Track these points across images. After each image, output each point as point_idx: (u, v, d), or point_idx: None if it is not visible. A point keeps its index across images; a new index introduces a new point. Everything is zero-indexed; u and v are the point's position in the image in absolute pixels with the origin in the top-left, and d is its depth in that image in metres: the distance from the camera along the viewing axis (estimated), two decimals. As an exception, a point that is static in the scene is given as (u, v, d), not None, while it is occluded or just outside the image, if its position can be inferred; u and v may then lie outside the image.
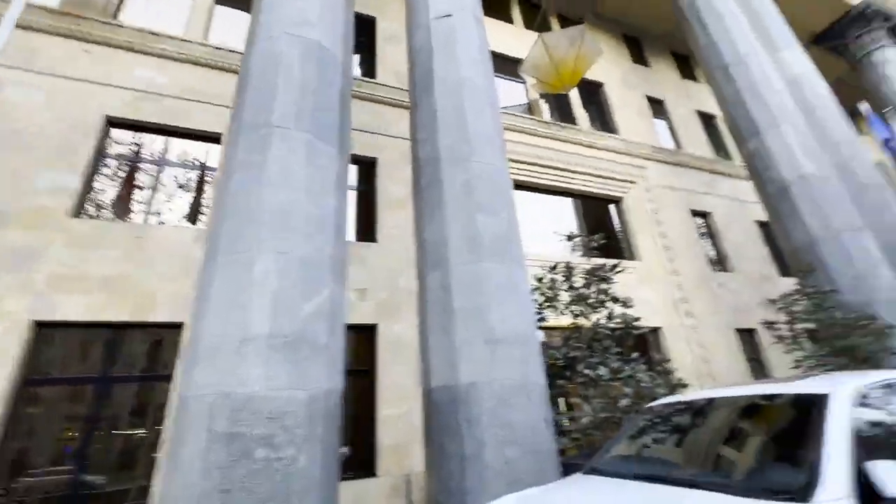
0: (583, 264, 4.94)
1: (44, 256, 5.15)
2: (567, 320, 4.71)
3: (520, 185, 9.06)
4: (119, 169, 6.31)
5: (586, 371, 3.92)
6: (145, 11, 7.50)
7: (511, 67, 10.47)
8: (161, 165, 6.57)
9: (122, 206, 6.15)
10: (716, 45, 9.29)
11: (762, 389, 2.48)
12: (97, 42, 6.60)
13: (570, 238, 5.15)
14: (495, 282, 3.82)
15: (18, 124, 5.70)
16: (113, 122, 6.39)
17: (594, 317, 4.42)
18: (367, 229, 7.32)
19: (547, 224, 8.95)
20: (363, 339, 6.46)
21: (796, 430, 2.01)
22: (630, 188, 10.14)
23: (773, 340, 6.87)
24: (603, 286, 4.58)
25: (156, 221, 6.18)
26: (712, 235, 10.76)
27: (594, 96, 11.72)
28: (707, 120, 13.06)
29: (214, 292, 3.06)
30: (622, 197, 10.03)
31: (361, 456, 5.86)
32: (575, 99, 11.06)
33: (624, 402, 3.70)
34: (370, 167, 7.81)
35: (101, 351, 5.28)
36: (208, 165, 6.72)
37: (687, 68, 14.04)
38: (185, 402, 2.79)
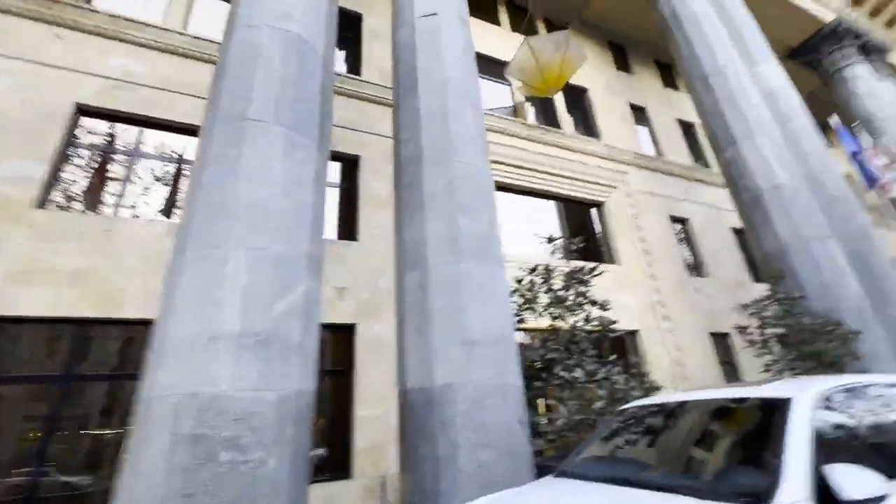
0: (562, 267, 4.97)
1: (3, 249, 4.91)
2: (546, 322, 4.73)
3: (503, 187, 9.10)
4: (92, 159, 6.08)
5: (562, 373, 3.94)
6: (122, -3, 7.25)
7: (497, 69, 10.51)
8: (135, 157, 6.35)
9: (93, 198, 5.92)
10: (696, 56, 9.51)
11: (731, 393, 2.52)
12: (70, 27, 6.35)
13: (551, 240, 5.18)
14: (474, 283, 3.81)
15: (-19, 109, 5.43)
16: (84, 111, 6.15)
17: (572, 319, 4.45)
18: (349, 228, 7.23)
19: (530, 226, 8.99)
20: (341, 339, 6.36)
21: (761, 434, 2.05)
22: (612, 193, 10.29)
23: (745, 344, 7.06)
24: (581, 289, 4.62)
25: (130, 214, 5.97)
26: (690, 241, 11.00)
27: (579, 101, 11.87)
28: (687, 128, 13.36)
29: (183, 288, 2.96)
30: (604, 201, 10.17)
31: (338, 457, 5.77)
32: (560, 103, 11.17)
33: (598, 405, 3.73)
34: (353, 165, 7.72)
35: (68, 348, 5.07)
36: (185, 158, 6.54)
37: (669, 77, 14.35)
38: (149, 402, 2.69)
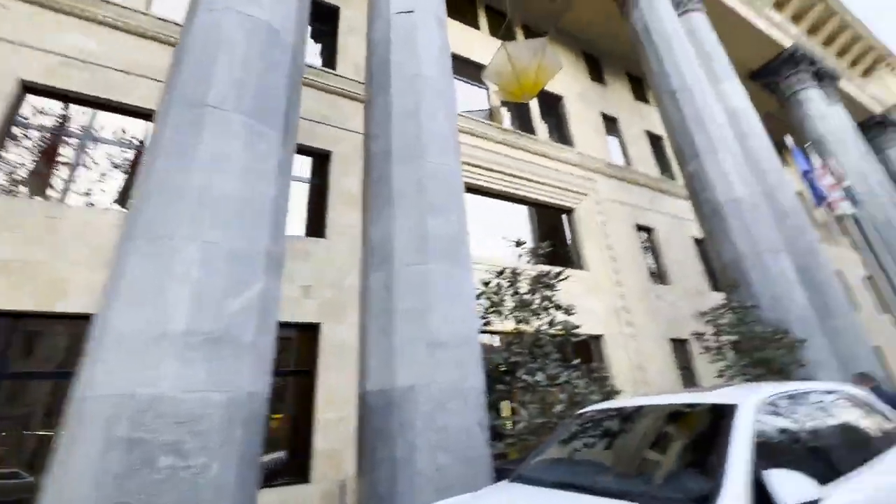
0: (529, 271, 5.01)
1: (-71, 233, 4.49)
2: (511, 326, 4.74)
3: (476, 190, 9.12)
4: (41, 141, 5.66)
5: (525, 376, 3.96)
6: (79, -30, 6.80)
7: (475, 72, 10.54)
8: (89, 141, 5.96)
9: (39, 183, 5.51)
10: (665, 71, 9.87)
11: (683, 398, 2.59)
12: (17, -3, 5.89)
13: (519, 244, 5.21)
14: (440, 284, 3.77)
15: None
16: (31, 88, 5.72)
17: (536, 323, 4.48)
18: (317, 224, 7.04)
19: (502, 230, 9.05)
20: (305, 339, 6.18)
21: (708, 438, 2.10)
22: (582, 200, 10.50)
23: (702, 350, 7.34)
24: (547, 293, 4.66)
25: (84, 202, 5.59)
26: (654, 250, 11.37)
27: (553, 109, 12.06)
28: (655, 140, 13.83)
29: (128, 281, 2.77)
30: (574, 208, 10.37)
31: (297, 461, 5.59)
32: (535, 110, 11.32)
33: (558, 408, 3.76)
34: (324, 160, 7.54)
35: (2, 342, 4.68)
36: (145, 145, 6.20)
37: (640, 90, 14.82)
38: (82, 403, 2.49)
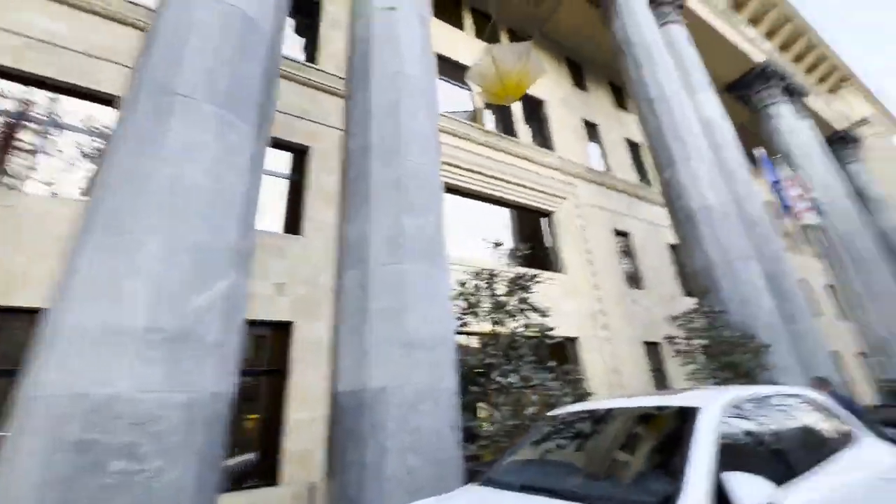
0: (507, 272, 5.02)
1: None
2: (488, 327, 4.74)
3: (457, 190, 9.12)
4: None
5: (499, 378, 3.96)
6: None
7: (458, 73, 10.54)
8: (53, 127, 5.66)
9: (-7, 169, 5.20)
10: (644, 80, 10.09)
11: (652, 401, 2.62)
12: (-26, -28, 5.56)
13: (497, 246, 5.21)
14: (416, 284, 3.73)
15: None
16: (-12, 69, 5.40)
17: (512, 324, 4.49)
18: (294, 221, 6.89)
19: (482, 231, 9.06)
20: (277, 338, 6.03)
21: (674, 441, 2.12)
22: (562, 204, 10.63)
23: (673, 354, 7.52)
24: (523, 295, 4.68)
25: (49, 192, 5.30)
26: (630, 255, 11.60)
27: (536, 113, 12.18)
28: (633, 147, 14.13)
29: (84, 275, 2.63)
30: (554, 211, 10.48)
31: (267, 463, 5.44)
32: (518, 113, 11.40)
33: (531, 410, 3.77)
34: (303, 156, 7.39)
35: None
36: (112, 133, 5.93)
37: (620, 98, 15.12)
38: (30, 402, 2.35)
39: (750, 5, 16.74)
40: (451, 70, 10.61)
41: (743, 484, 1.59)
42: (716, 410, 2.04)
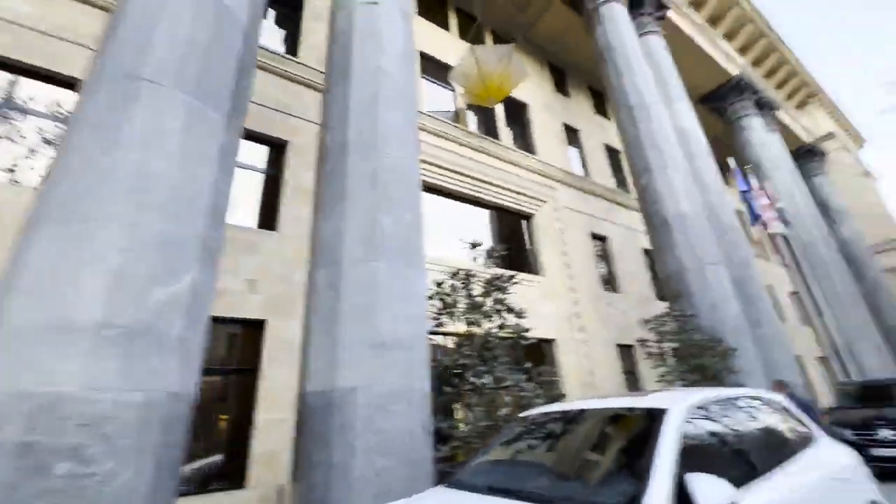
0: (483, 273, 5.01)
1: None
2: (464, 328, 4.72)
3: (437, 190, 9.08)
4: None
5: (473, 379, 3.94)
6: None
7: (442, 73, 10.53)
8: (11, 111, 5.34)
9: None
10: (624, 87, 10.30)
11: (620, 403, 2.64)
12: (-74, -59, 5.21)
13: (474, 246, 5.20)
14: (390, 283, 3.67)
15: None
16: (-61, 46, 5.06)
17: (487, 325, 4.48)
18: (269, 216, 6.73)
19: (462, 232, 9.06)
20: (249, 336, 5.86)
21: (640, 442, 2.14)
22: (541, 207, 10.73)
23: (645, 356, 7.68)
24: (500, 296, 4.68)
25: (8, 179, 4.99)
26: (607, 258, 11.81)
27: (518, 116, 12.27)
28: (612, 154, 14.40)
29: (33, 266, 2.48)
30: (533, 214, 10.57)
31: (234, 465, 5.27)
32: (500, 116, 11.46)
33: (504, 411, 3.77)
34: (281, 150, 7.22)
35: None
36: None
37: (601, 105, 15.40)
38: (-32, 403, 2.19)
39: (726, 20, 17.32)
40: (435, 70, 10.58)
41: (704, 485, 1.60)
42: (682, 412, 2.07)
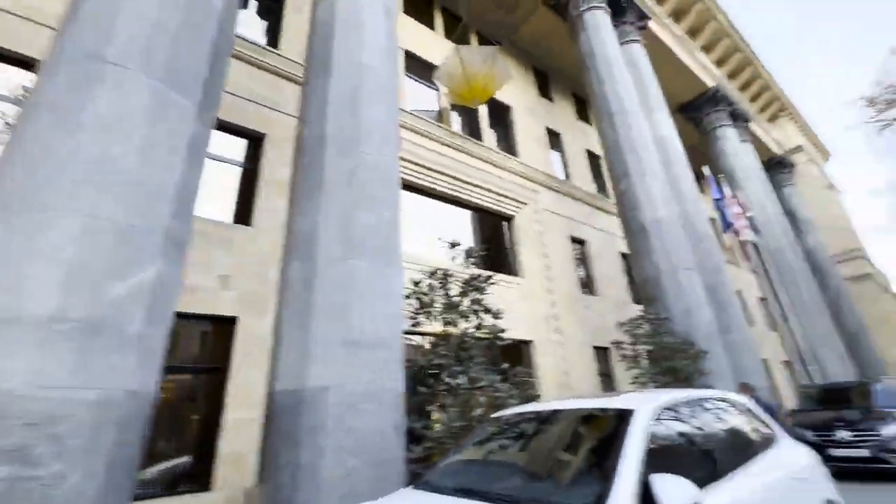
0: (461, 273, 4.99)
1: None
2: (440, 327, 4.68)
3: (419, 189, 9.04)
4: None
5: (448, 379, 3.91)
6: None
7: (426, 72, 10.48)
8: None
9: None
10: (605, 94, 10.47)
11: (591, 403, 2.66)
12: None
13: (453, 246, 5.18)
14: (366, 281, 3.61)
15: None
16: None
17: (463, 325, 4.46)
18: (246, 211, 6.55)
19: (444, 231, 9.02)
20: (220, 333, 5.69)
21: (608, 443, 2.15)
22: (522, 209, 10.80)
23: (620, 358, 7.81)
24: (477, 296, 4.66)
25: None
26: (585, 262, 11.98)
27: (502, 118, 12.33)
28: (594, 159, 14.64)
29: (-22, 256, 2.32)
30: (514, 216, 10.63)
31: (202, 466, 5.10)
32: (484, 117, 11.49)
33: (478, 412, 3.75)
34: (258, 143, 7.05)
35: None
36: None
37: (583, 110, 15.63)
38: None
39: (704, 33, 17.84)
40: (420, 68, 10.53)
41: (668, 485, 1.61)
42: (648, 413, 2.09)
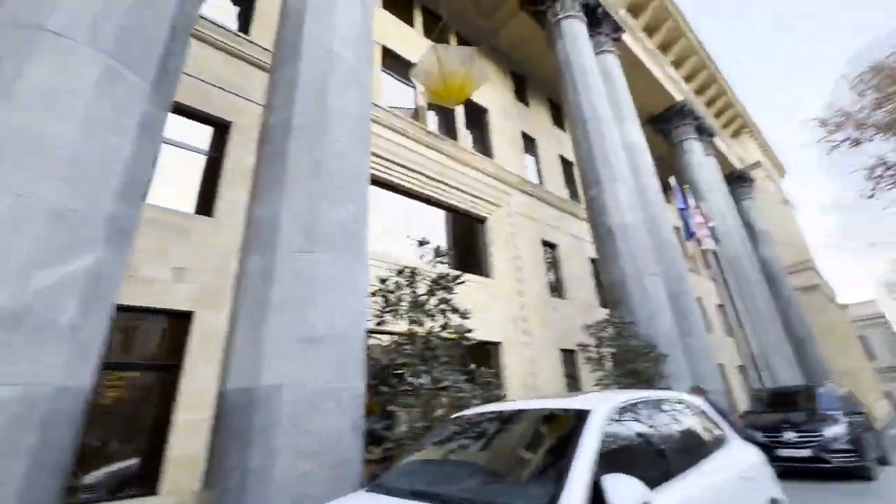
0: (430, 272, 4.93)
1: None
2: (406, 326, 4.60)
3: (392, 186, 8.93)
4: None
5: (411, 379, 3.84)
6: None
7: (404, 70, 10.39)
8: None
9: None
10: (579, 102, 10.68)
11: (549, 404, 2.65)
12: None
13: (422, 244, 5.11)
14: (328, 276, 3.49)
15: None
16: None
17: (429, 324, 4.40)
18: (208, 201, 6.26)
19: (416, 230, 8.93)
20: (174, 329, 5.40)
21: (563, 443, 2.14)
22: (495, 211, 10.86)
23: (585, 360, 7.95)
24: (445, 296, 4.61)
25: None
26: (555, 265, 12.17)
27: (478, 120, 12.37)
28: (567, 165, 14.91)
29: None
30: (487, 217, 10.67)
31: (150, 468, 4.81)
32: (460, 118, 11.49)
33: (440, 412, 3.70)
34: (224, 131, 6.76)
35: None
36: None
37: (558, 117, 15.91)
38: None
39: (675, 49, 18.54)
40: (397, 65, 10.42)
41: (620, 485, 1.61)
42: (604, 413, 2.09)
